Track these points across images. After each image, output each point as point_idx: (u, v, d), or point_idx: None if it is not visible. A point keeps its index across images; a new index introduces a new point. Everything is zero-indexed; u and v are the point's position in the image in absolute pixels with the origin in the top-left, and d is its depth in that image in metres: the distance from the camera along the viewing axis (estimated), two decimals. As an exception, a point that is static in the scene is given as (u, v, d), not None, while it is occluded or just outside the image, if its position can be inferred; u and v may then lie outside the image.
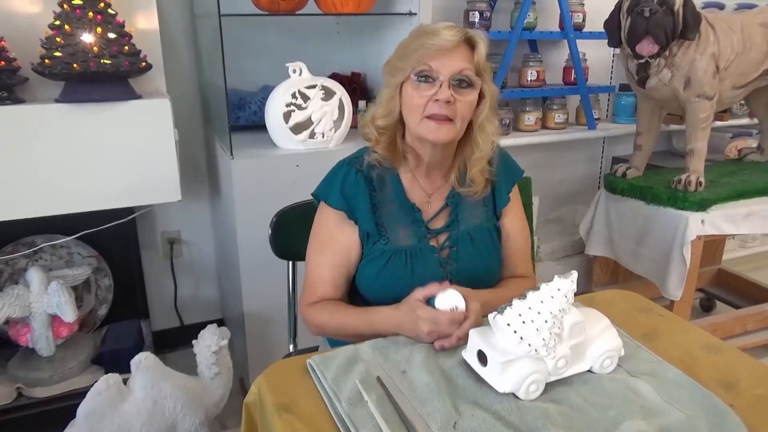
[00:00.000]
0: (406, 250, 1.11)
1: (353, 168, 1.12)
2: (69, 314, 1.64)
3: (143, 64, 1.60)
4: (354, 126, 1.99)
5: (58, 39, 1.48)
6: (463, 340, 0.95)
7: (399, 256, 1.10)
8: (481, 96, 1.08)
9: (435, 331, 0.96)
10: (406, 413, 0.80)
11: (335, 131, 1.84)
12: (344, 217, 1.11)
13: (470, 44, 1.06)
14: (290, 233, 1.36)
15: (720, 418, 0.81)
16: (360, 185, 1.11)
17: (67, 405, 1.53)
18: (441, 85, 1.03)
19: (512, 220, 1.21)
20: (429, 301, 1.00)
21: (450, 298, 0.98)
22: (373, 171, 1.12)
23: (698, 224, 1.93)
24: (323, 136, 1.83)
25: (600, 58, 2.75)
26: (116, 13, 1.56)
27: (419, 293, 1.00)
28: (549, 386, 0.87)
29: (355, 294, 1.17)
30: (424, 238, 1.13)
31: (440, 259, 1.12)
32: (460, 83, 1.04)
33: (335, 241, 1.13)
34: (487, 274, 1.16)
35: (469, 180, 1.14)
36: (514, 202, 1.21)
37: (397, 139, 1.12)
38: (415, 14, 1.95)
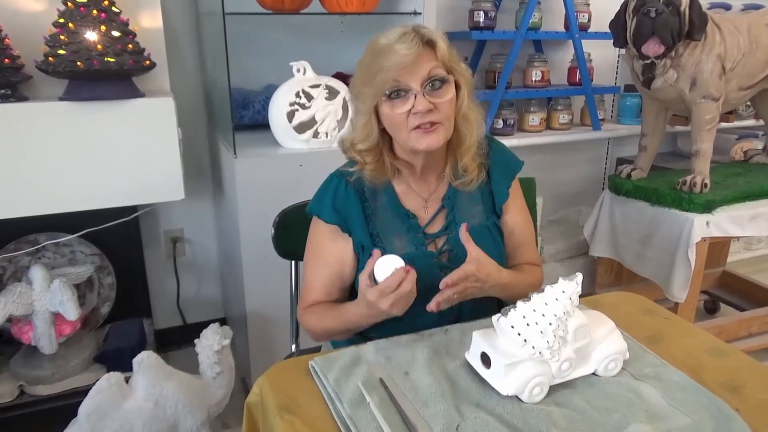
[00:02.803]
0: (403, 258, 1.09)
1: (344, 180, 1.11)
2: (71, 312, 1.64)
3: (147, 62, 1.60)
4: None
5: (62, 37, 1.48)
6: (453, 288, 0.97)
7: None
8: (457, 87, 1.06)
9: (394, 299, 0.94)
10: (409, 415, 0.80)
11: (339, 130, 1.83)
12: (338, 230, 1.10)
13: (429, 44, 1.02)
14: (293, 233, 1.35)
15: (726, 423, 0.80)
16: (351, 197, 1.09)
17: (69, 403, 1.52)
18: (415, 96, 1.00)
19: (514, 215, 1.19)
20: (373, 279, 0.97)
21: (386, 265, 0.95)
22: (364, 181, 1.10)
23: (703, 226, 1.92)
24: (327, 136, 1.82)
25: (605, 59, 2.74)
26: (120, 11, 1.55)
27: (363, 277, 0.98)
28: (553, 389, 0.86)
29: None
30: (422, 245, 1.11)
31: (440, 264, 1.11)
32: (433, 85, 1.01)
33: (328, 254, 1.12)
34: None
35: (461, 170, 1.12)
36: (514, 196, 1.19)
37: (384, 156, 1.10)
38: (420, 14, 1.95)
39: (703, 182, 1.96)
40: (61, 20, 1.49)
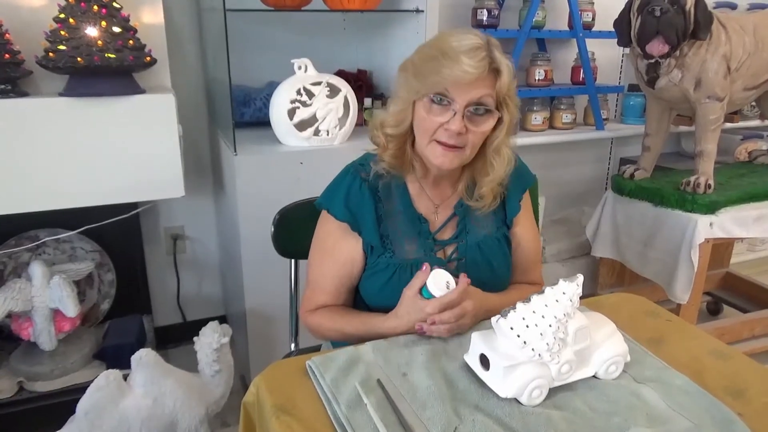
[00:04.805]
0: (412, 263, 1.07)
1: (358, 177, 1.09)
2: (71, 309, 1.64)
3: (148, 58, 1.59)
4: (359, 124, 1.98)
5: (62, 32, 1.48)
6: (448, 330, 0.96)
7: (404, 269, 1.07)
8: (498, 120, 1.03)
9: (456, 316, 0.96)
10: (406, 417, 0.79)
11: (340, 129, 1.82)
12: (347, 228, 1.08)
13: (493, 70, 0.99)
14: (293, 231, 1.35)
15: (728, 427, 0.79)
16: (365, 196, 1.07)
17: (68, 399, 1.52)
18: (455, 114, 0.97)
19: (523, 229, 1.17)
20: (422, 291, 0.98)
21: (439, 280, 0.97)
22: (379, 180, 1.09)
23: (707, 227, 1.90)
24: (328, 134, 1.81)
25: (609, 58, 2.72)
26: (121, 7, 1.55)
27: (411, 291, 0.98)
28: (552, 392, 0.85)
29: (358, 299, 1.15)
30: (431, 251, 1.09)
31: (448, 271, 1.09)
32: (477, 110, 0.99)
33: (338, 251, 1.10)
34: (496, 285, 1.13)
35: (477, 195, 1.10)
36: (524, 209, 1.17)
37: (407, 147, 1.08)
38: (423, 11, 1.94)
39: (707, 183, 1.95)
40: (62, 16, 1.49)
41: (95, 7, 1.49)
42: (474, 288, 1.02)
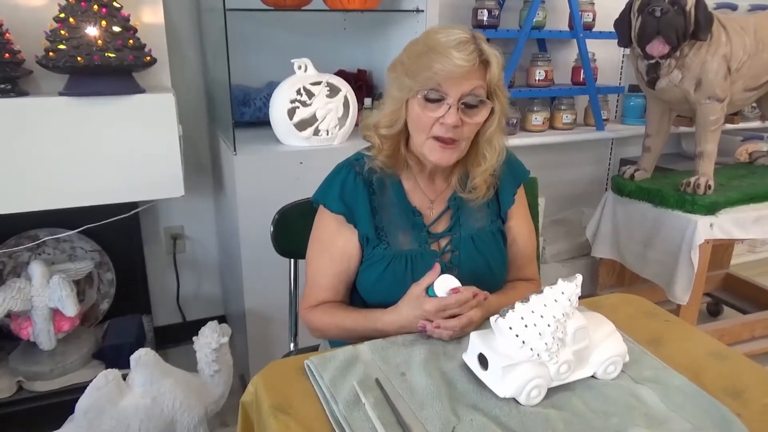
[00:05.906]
0: (406, 254, 1.09)
1: (353, 171, 1.10)
2: (70, 308, 1.64)
3: (148, 58, 1.59)
4: (359, 124, 1.98)
5: (62, 32, 1.48)
6: (450, 336, 0.97)
7: (399, 260, 1.08)
8: (491, 111, 1.04)
9: (458, 324, 0.97)
10: (404, 417, 0.79)
11: (340, 128, 1.82)
12: (343, 221, 1.09)
13: (483, 62, 1.01)
14: (292, 231, 1.35)
15: (726, 428, 0.79)
16: (359, 189, 1.09)
17: (68, 399, 1.52)
18: (449, 108, 0.99)
19: (518, 223, 1.18)
20: (428, 290, 0.99)
21: (447, 283, 0.98)
22: (373, 174, 1.10)
23: (707, 228, 1.90)
24: (328, 134, 1.81)
25: (609, 58, 2.72)
26: (121, 7, 1.55)
27: (419, 289, 0.99)
28: (551, 392, 0.85)
29: (355, 295, 1.16)
30: (425, 243, 1.10)
31: (442, 263, 1.09)
32: (470, 102, 1.01)
33: (335, 246, 1.11)
34: (491, 278, 1.14)
35: (471, 186, 1.11)
36: (519, 204, 1.19)
37: (401, 146, 1.09)
38: (423, 11, 1.94)
39: (707, 184, 1.95)
40: (62, 15, 1.49)
41: (95, 7, 1.49)
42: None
